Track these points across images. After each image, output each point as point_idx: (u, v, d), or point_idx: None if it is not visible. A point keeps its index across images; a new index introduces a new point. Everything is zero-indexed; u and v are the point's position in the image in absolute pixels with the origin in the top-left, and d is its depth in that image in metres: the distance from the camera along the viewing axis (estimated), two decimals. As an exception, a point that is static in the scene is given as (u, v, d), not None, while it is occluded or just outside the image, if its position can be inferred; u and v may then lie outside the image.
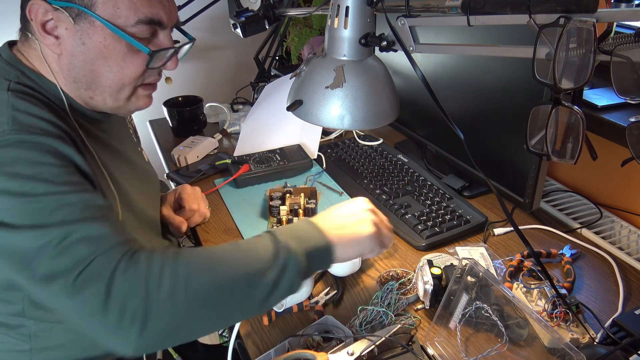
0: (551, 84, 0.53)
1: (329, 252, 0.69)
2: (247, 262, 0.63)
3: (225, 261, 0.62)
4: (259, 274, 0.62)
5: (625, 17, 0.57)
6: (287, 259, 0.64)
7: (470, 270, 0.71)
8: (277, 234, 0.66)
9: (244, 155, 1.24)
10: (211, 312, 0.60)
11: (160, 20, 0.73)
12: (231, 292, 0.61)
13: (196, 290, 0.59)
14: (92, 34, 0.70)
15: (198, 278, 0.60)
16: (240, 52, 2.00)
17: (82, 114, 0.78)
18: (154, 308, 0.57)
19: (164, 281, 0.58)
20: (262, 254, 0.64)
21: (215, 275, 0.61)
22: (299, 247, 0.66)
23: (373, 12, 0.69)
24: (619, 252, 0.94)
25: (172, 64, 0.78)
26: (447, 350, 0.73)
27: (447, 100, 1.10)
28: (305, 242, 0.67)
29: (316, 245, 0.67)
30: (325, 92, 0.70)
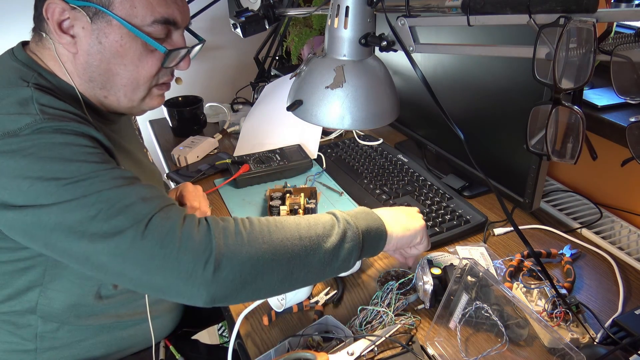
0: (551, 84, 0.53)
1: (383, 235, 0.74)
2: (310, 227, 0.67)
3: (288, 224, 0.67)
4: (321, 238, 0.67)
5: (625, 17, 0.57)
6: (346, 229, 0.69)
7: (470, 270, 0.71)
8: (335, 212, 0.72)
9: (244, 155, 1.24)
10: (277, 267, 0.63)
11: (175, 20, 0.74)
12: (295, 251, 0.64)
13: (264, 244, 0.63)
14: (108, 33, 0.71)
15: (265, 233, 0.64)
16: (240, 52, 2.00)
17: (98, 114, 0.79)
18: (226, 255, 0.60)
19: (233, 233, 0.62)
20: (323, 222, 0.69)
21: (281, 233, 0.65)
22: (358, 224, 0.71)
23: (373, 12, 0.69)
24: (619, 252, 0.94)
25: (185, 63, 0.79)
26: (447, 350, 0.73)
27: (447, 100, 1.10)
28: (363, 221, 0.72)
29: (373, 225, 0.73)
30: (325, 92, 0.70)
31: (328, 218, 0.71)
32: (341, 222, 0.70)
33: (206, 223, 0.63)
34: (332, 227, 0.69)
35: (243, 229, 0.64)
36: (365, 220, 0.73)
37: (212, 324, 1.25)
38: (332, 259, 0.67)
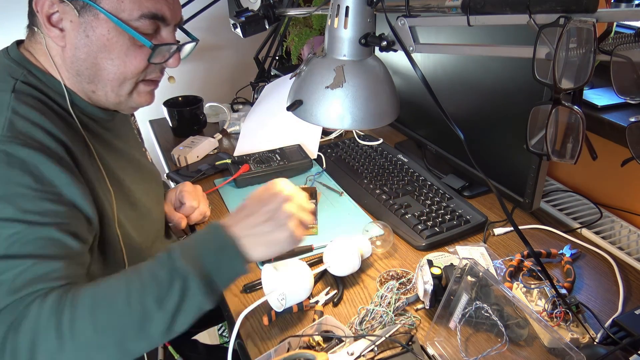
0: (551, 84, 0.53)
1: (239, 263, 0.65)
2: (144, 289, 0.59)
3: (117, 293, 0.59)
4: (156, 302, 0.59)
5: (625, 17, 0.57)
6: (185, 282, 0.60)
7: (470, 270, 0.71)
8: (174, 256, 0.61)
9: (244, 155, 1.24)
10: (107, 351, 0.58)
11: (164, 16, 0.73)
12: (126, 328, 0.58)
13: (88, 332, 0.57)
14: (96, 26, 0.70)
15: (88, 319, 0.57)
16: (240, 52, 2.00)
17: (87, 112, 0.79)
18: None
19: (54, 338, 0.56)
20: (159, 281, 0.60)
21: (107, 311, 0.58)
22: (204, 266, 0.61)
23: (373, 12, 0.69)
24: (619, 252, 0.94)
25: (174, 61, 0.78)
26: (447, 350, 0.73)
27: (447, 100, 1.10)
28: (211, 258, 0.62)
29: (225, 260, 0.64)
30: (325, 92, 0.70)
31: (165, 272, 0.61)
32: (180, 273, 0.60)
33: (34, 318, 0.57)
34: (169, 284, 0.60)
35: (63, 327, 0.57)
36: (214, 256, 0.63)
37: (212, 324, 1.25)
38: (175, 319, 0.60)
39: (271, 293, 0.77)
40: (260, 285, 0.87)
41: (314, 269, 0.83)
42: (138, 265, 0.63)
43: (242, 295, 0.87)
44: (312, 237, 1.00)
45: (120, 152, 0.85)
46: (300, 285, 0.77)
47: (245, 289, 0.87)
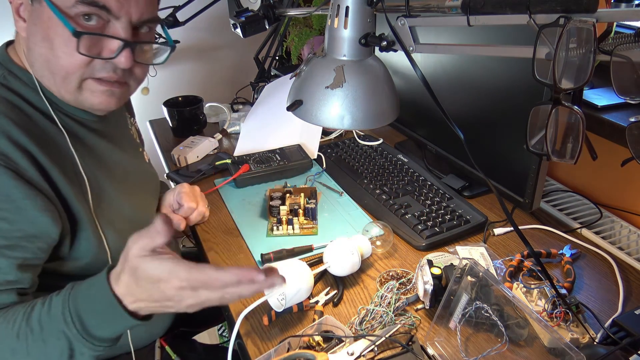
0: (551, 84, 0.53)
1: (127, 325, 0.61)
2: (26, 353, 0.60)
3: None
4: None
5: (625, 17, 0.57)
6: (72, 352, 0.61)
7: (470, 270, 0.71)
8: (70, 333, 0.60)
9: (244, 155, 1.24)
10: None
11: (106, 5, 0.67)
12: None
13: None
14: (41, 14, 0.67)
15: None
16: (240, 52, 2.00)
17: (68, 112, 0.77)
18: None
19: None
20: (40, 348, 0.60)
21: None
22: (88, 334, 0.60)
23: (373, 12, 0.69)
24: (619, 252, 0.94)
25: (125, 60, 0.70)
26: (447, 350, 0.73)
27: (447, 100, 1.10)
28: (105, 334, 0.61)
29: (110, 328, 0.61)
30: (325, 92, 0.70)
31: (54, 338, 0.60)
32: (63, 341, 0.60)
33: None
34: (57, 349, 0.60)
35: None
36: (108, 329, 0.61)
37: (210, 324, 1.25)
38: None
39: (271, 293, 0.77)
40: (260, 285, 0.87)
41: (314, 269, 0.83)
42: (34, 309, 0.62)
43: (242, 295, 0.87)
44: (312, 237, 1.00)
45: (104, 154, 0.82)
46: (300, 285, 0.77)
47: (245, 289, 0.87)
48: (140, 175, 0.94)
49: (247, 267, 0.55)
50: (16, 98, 0.71)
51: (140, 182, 0.93)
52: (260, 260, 0.93)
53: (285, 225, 1.01)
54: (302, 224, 1.02)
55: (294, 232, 1.01)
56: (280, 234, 1.01)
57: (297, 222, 1.02)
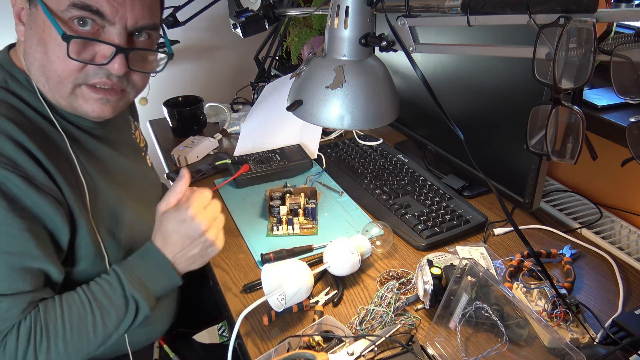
0: (551, 84, 0.53)
1: (175, 279, 0.77)
2: (104, 322, 0.71)
3: (82, 332, 0.69)
4: (115, 330, 0.72)
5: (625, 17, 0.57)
6: (137, 309, 0.73)
7: (470, 270, 0.71)
8: (125, 284, 0.73)
9: (244, 155, 1.24)
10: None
11: (100, 10, 0.66)
12: (92, 348, 0.71)
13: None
14: (36, 17, 0.68)
15: (61, 351, 0.68)
16: (240, 52, 2.00)
17: (69, 119, 0.77)
18: None
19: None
20: (116, 315, 0.72)
21: (76, 342, 0.69)
22: (148, 295, 0.74)
23: (373, 12, 0.69)
24: (619, 252, 0.94)
25: (118, 66, 0.69)
26: (447, 350, 0.73)
27: (447, 100, 1.10)
28: (156, 286, 0.75)
29: (167, 287, 0.77)
30: (325, 92, 0.70)
31: (119, 299, 0.72)
32: (132, 299, 0.73)
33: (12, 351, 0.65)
34: (125, 309, 0.72)
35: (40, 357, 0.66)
36: (158, 281, 0.76)
37: (210, 324, 1.25)
38: (127, 331, 0.74)
39: (271, 293, 0.77)
40: (260, 285, 0.87)
41: (314, 269, 0.83)
42: (92, 290, 0.72)
43: (242, 295, 0.87)
44: (312, 237, 1.00)
45: (106, 160, 0.82)
46: (300, 285, 0.77)
47: (245, 289, 0.87)
48: (142, 182, 0.93)
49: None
50: (18, 101, 0.71)
51: (142, 188, 0.92)
52: (260, 260, 0.93)
53: (285, 225, 1.01)
54: (302, 224, 1.02)
55: (294, 232, 1.01)
56: (280, 234, 1.01)
57: (297, 222, 1.02)
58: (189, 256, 0.77)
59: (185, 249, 0.76)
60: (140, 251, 0.77)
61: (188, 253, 0.76)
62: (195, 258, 0.78)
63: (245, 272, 0.92)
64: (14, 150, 0.65)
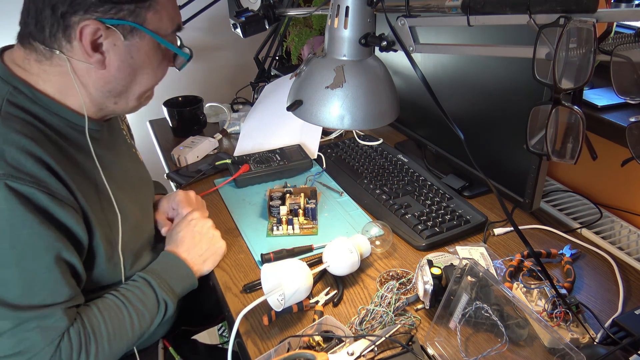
0: (551, 84, 0.53)
1: (195, 282, 0.88)
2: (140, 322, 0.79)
3: (124, 328, 0.77)
4: (148, 326, 0.81)
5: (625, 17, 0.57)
6: (166, 309, 0.82)
7: (470, 270, 0.71)
8: (155, 288, 0.82)
9: (244, 155, 1.24)
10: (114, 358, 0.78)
11: (180, 26, 0.79)
12: (130, 344, 0.79)
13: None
14: (140, 47, 0.73)
15: (107, 352, 0.75)
16: (240, 52, 2.00)
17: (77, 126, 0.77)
18: None
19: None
20: (151, 312, 0.81)
21: (119, 341, 0.76)
22: (174, 295, 0.84)
23: (373, 12, 0.69)
24: (619, 252, 0.94)
25: (179, 65, 0.84)
26: (447, 350, 0.73)
27: (447, 100, 1.10)
28: (179, 287, 0.85)
29: (186, 283, 0.87)
30: (325, 92, 0.70)
31: (152, 302, 0.81)
32: (161, 303, 0.82)
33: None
34: (157, 310, 0.81)
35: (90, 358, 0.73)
36: (179, 282, 0.85)
37: (211, 324, 1.25)
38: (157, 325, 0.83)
39: (271, 293, 0.77)
40: (260, 285, 0.87)
41: (313, 269, 0.83)
42: (126, 296, 0.79)
43: (242, 295, 0.87)
44: (312, 237, 1.00)
45: (109, 164, 0.84)
46: (299, 285, 0.77)
47: (245, 289, 0.87)
48: (139, 180, 0.94)
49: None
50: (28, 116, 0.71)
51: (140, 186, 0.93)
52: (260, 260, 0.93)
53: (285, 225, 1.01)
54: (302, 224, 1.02)
55: (294, 232, 1.01)
56: (280, 234, 1.01)
57: (297, 222, 1.02)
58: (200, 252, 0.89)
59: (196, 246, 0.89)
60: (159, 259, 0.88)
61: (199, 249, 0.89)
62: (206, 255, 0.90)
63: (245, 272, 0.92)
64: (35, 166, 0.67)
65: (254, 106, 1.44)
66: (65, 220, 0.70)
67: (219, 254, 0.92)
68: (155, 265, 0.86)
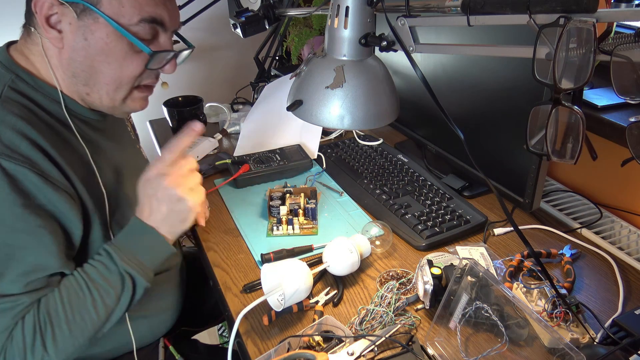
0: (551, 84, 0.53)
1: (166, 248, 0.77)
2: (104, 302, 0.72)
3: (84, 314, 0.70)
4: (115, 306, 0.73)
5: (625, 17, 0.57)
6: (134, 284, 0.73)
7: (470, 270, 0.71)
8: (117, 261, 0.72)
9: (244, 155, 1.24)
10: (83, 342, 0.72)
11: (163, 21, 0.73)
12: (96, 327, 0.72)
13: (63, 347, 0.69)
14: (95, 30, 0.70)
15: (66, 333, 0.69)
16: (240, 52, 2.00)
17: (78, 114, 0.79)
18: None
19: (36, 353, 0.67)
20: (114, 292, 0.72)
21: (79, 323, 0.70)
22: (142, 267, 0.74)
23: (373, 12, 0.69)
24: (619, 252, 0.94)
25: (171, 67, 0.78)
26: (447, 350, 0.73)
27: (447, 100, 1.10)
28: (147, 256, 0.75)
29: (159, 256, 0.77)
30: (325, 92, 0.70)
31: (115, 277, 0.72)
32: (127, 274, 0.73)
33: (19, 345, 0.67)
34: (122, 285, 0.73)
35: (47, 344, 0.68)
36: (148, 250, 0.75)
37: (211, 324, 1.25)
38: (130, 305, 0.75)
39: (271, 293, 0.77)
40: (260, 285, 0.87)
41: (313, 269, 0.83)
42: (87, 272, 0.72)
43: (242, 295, 0.87)
44: (312, 237, 1.00)
45: (111, 154, 0.84)
46: (299, 285, 0.77)
47: (245, 289, 0.87)
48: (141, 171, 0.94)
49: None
50: (27, 101, 0.72)
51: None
52: (260, 260, 0.93)
53: (285, 225, 1.01)
54: (302, 224, 1.02)
55: (294, 232, 1.01)
56: (280, 234, 1.01)
57: (297, 222, 1.02)
58: (163, 215, 0.75)
59: (156, 210, 0.74)
60: (126, 227, 0.76)
61: (160, 211, 0.74)
62: (171, 218, 0.75)
63: (245, 272, 0.92)
64: (29, 148, 0.67)
65: (254, 106, 1.44)
66: (58, 204, 0.69)
67: (188, 210, 0.75)
68: (121, 235, 0.76)
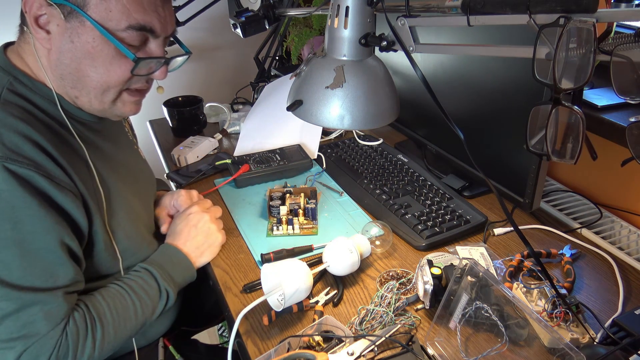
0: (551, 84, 0.53)
1: (194, 273, 0.91)
2: (144, 310, 0.81)
3: (128, 317, 0.79)
4: (150, 317, 0.82)
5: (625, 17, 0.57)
6: (168, 298, 0.84)
7: (470, 270, 0.71)
8: (157, 278, 0.84)
9: (244, 155, 1.24)
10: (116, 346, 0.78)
11: (153, 29, 0.73)
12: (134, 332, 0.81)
13: (112, 344, 0.77)
14: (81, 33, 0.70)
15: (112, 339, 0.76)
16: (240, 52, 2.00)
17: (74, 115, 0.79)
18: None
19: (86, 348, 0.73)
20: (153, 301, 0.82)
21: (124, 329, 0.78)
22: (175, 285, 0.86)
23: (373, 12, 0.69)
24: (619, 252, 0.94)
25: (161, 74, 0.78)
26: (447, 350, 0.73)
27: (447, 100, 1.10)
28: (179, 278, 0.88)
29: (187, 274, 0.90)
30: (325, 92, 0.70)
31: (154, 292, 0.83)
32: (163, 293, 0.83)
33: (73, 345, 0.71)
34: (159, 300, 0.83)
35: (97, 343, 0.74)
36: (180, 273, 0.88)
37: (211, 324, 1.25)
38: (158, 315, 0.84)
39: (271, 293, 0.77)
40: (260, 285, 0.87)
41: (313, 269, 0.83)
42: (130, 284, 0.81)
43: (242, 295, 0.87)
44: (312, 237, 1.00)
45: (109, 155, 0.85)
46: (299, 285, 0.77)
47: (245, 289, 0.87)
48: (140, 174, 0.95)
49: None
50: (26, 103, 0.73)
51: (139, 180, 0.94)
52: (260, 260, 0.93)
53: (285, 225, 1.01)
54: (302, 224, 1.02)
55: (294, 232, 1.01)
56: (280, 234, 1.01)
57: (297, 222, 1.02)
58: (197, 245, 0.91)
59: (193, 239, 0.91)
60: (160, 250, 0.89)
61: (196, 242, 0.91)
62: (203, 248, 0.92)
63: (245, 272, 0.92)
64: (33, 150, 0.68)
65: (254, 106, 1.44)
66: (65, 205, 0.70)
67: (216, 245, 0.94)
68: (156, 256, 0.88)
